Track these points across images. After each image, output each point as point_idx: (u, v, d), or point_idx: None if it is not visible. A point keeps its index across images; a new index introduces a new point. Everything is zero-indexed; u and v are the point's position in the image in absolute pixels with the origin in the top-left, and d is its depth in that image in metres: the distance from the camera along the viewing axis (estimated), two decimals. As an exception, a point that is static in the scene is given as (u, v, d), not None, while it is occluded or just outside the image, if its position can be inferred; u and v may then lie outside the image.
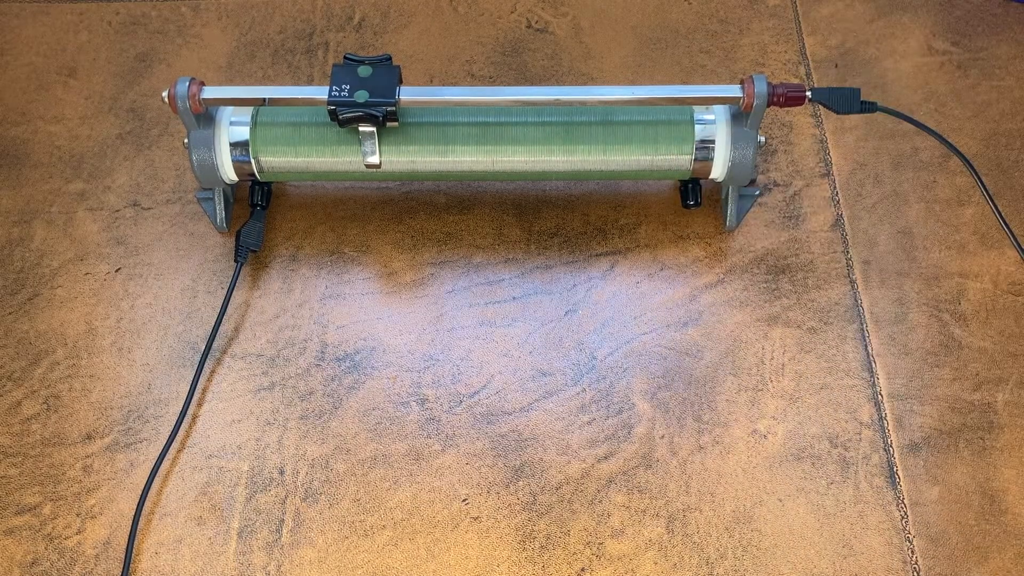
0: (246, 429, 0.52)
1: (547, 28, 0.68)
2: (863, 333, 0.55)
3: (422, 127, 0.54)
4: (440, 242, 0.58)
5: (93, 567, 0.48)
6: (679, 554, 0.49)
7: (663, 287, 0.57)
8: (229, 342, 0.55)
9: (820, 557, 0.49)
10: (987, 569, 0.49)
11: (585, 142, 0.54)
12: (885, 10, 0.68)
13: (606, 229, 0.59)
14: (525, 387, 0.54)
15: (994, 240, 0.58)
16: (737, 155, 0.54)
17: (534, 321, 0.56)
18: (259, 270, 0.57)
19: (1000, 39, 0.66)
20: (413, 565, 0.49)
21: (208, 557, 0.49)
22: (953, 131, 0.62)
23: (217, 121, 0.54)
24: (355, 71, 0.52)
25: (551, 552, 0.49)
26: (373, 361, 0.54)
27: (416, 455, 0.51)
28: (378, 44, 0.67)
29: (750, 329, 0.55)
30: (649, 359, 0.54)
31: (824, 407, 0.53)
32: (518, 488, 0.51)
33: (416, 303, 0.56)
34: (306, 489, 0.51)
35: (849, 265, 0.57)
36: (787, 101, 0.52)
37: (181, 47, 0.67)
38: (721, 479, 0.51)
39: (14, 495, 0.50)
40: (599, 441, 0.52)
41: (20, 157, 0.62)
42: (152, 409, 0.53)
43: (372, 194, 0.60)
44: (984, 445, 0.52)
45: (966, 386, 0.54)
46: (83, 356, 0.54)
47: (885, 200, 0.60)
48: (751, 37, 0.67)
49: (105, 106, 0.64)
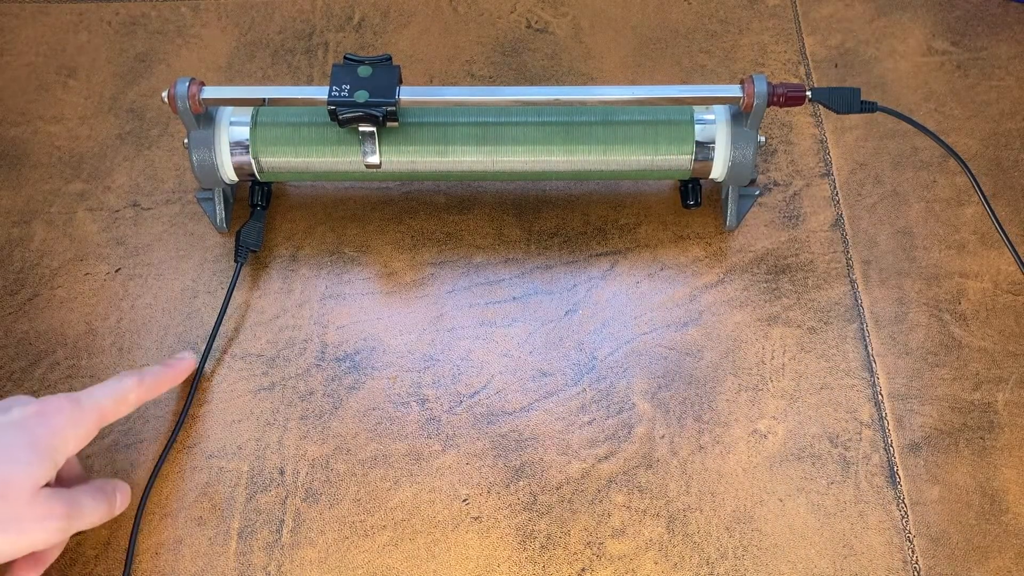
0: (246, 429, 0.52)
1: (547, 28, 0.68)
2: (863, 333, 0.55)
3: (422, 127, 0.54)
4: (440, 242, 0.58)
5: (93, 567, 0.48)
6: (679, 554, 0.49)
7: (663, 287, 0.57)
8: (229, 342, 0.55)
9: (820, 557, 0.49)
10: (988, 569, 0.49)
11: (585, 142, 0.54)
12: (885, 10, 0.68)
13: (606, 229, 0.59)
14: (525, 387, 0.54)
15: (994, 240, 0.58)
16: (737, 155, 0.54)
17: (534, 321, 0.56)
18: (259, 270, 0.57)
19: (1000, 39, 0.66)
20: (413, 565, 0.49)
21: (208, 557, 0.49)
22: (953, 131, 0.62)
23: (217, 121, 0.54)
24: (355, 71, 0.52)
25: (551, 552, 0.49)
26: (373, 361, 0.54)
27: (416, 455, 0.51)
28: (378, 44, 0.67)
29: (750, 329, 0.55)
30: (649, 359, 0.54)
31: (824, 407, 0.53)
32: (518, 488, 0.51)
33: (416, 303, 0.56)
34: (306, 489, 0.51)
35: (849, 265, 0.57)
36: (787, 101, 0.52)
37: (181, 47, 0.67)
38: (721, 479, 0.51)
39: (14, 495, 0.50)
40: (599, 441, 0.52)
41: (20, 157, 0.62)
42: (152, 409, 0.53)
43: (372, 194, 0.60)
44: (984, 445, 0.52)
45: (966, 386, 0.54)
46: (83, 356, 0.54)
47: (885, 200, 0.60)
48: (751, 37, 0.67)
49: (105, 106, 0.64)
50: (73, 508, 0.42)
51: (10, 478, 0.40)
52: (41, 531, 0.41)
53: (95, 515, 0.44)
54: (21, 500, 0.40)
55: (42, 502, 0.41)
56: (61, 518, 0.41)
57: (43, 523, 0.41)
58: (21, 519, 0.40)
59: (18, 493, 0.40)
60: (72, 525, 0.43)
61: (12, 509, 0.40)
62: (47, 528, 0.41)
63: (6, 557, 0.41)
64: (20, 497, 0.40)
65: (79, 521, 0.43)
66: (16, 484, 0.40)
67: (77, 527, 0.43)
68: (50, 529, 0.41)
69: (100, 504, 0.45)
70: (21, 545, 0.41)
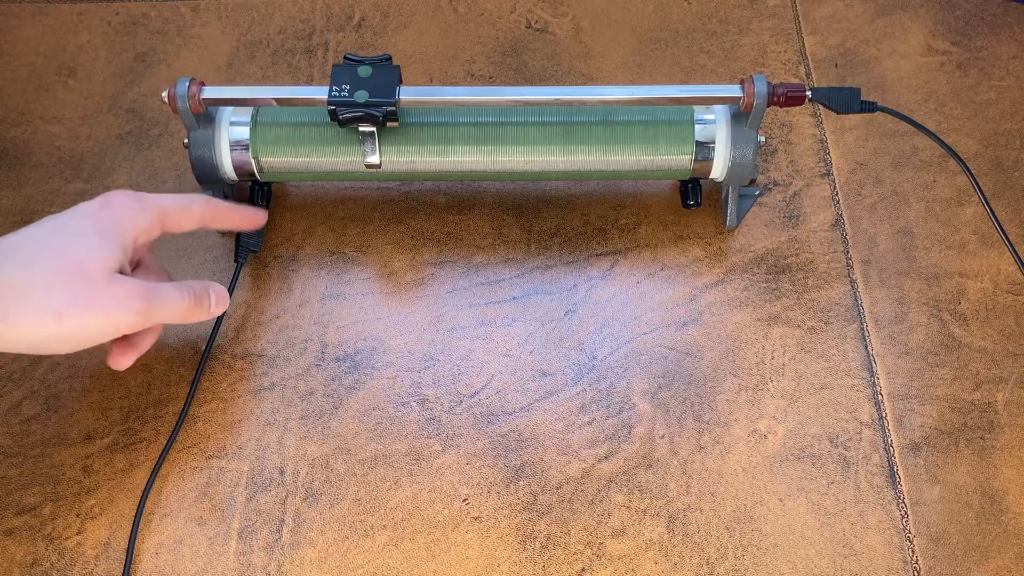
0: (246, 429, 0.52)
1: (547, 28, 0.68)
2: (863, 333, 0.55)
3: (422, 127, 0.54)
4: (440, 242, 0.58)
5: (93, 567, 0.48)
6: (679, 554, 0.49)
7: (663, 287, 0.57)
8: (229, 342, 0.55)
9: (820, 557, 0.49)
10: (988, 569, 0.49)
11: (585, 142, 0.54)
12: (885, 10, 0.68)
13: (606, 229, 0.59)
14: (525, 387, 0.54)
15: (994, 240, 0.58)
16: (737, 155, 0.54)
17: (534, 321, 0.56)
18: (259, 270, 0.57)
19: (1000, 39, 0.66)
20: (413, 565, 0.49)
21: (208, 557, 0.49)
22: (953, 131, 0.62)
23: (217, 121, 0.54)
24: (355, 71, 0.52)
25: (551, 552, 0.49)
26: (373, 361, 0.54)
27: (416, 455, 0.51)
28: (378, 44, 0.67)
29: (750, 329, 0.55)
30: (649, 359, 0.54)
31: (824, 407, 0.53)
32: (518, 488, 0.51)
33: (416, 303, 0.56)
34: (306, 489, 0.51)
35: (849, 265, 0.57)
36: (787, 101, 0.52)
37: (181, 47, 0.67)
38: (721, 479, 0.51)
39: (14, 495, 0.50)
40: (599, 441, 0.52)
41: (20, 157, 0.62)
42: (152, 409, 0.53)
43: (372, 194, 0.60)
44: (984, 445, 0.52)
45: (966, 386, 0.54)
46: (83, 356, 0.54)
47: (885, 200, 0.60)
48: (751, 37, 0.67)
49: (105, 106, 0.64)
50: (153, 293, 0.45)
51: (82, 260, 0.43)
52: (121, 311, 0.43)
53: (179, 307, 0.47)
54: (96, 279, 0.43)
55: (119, 283, 0.44)
56: (139, 299, 0.44)
57: (122, 303, 0.43)
58: (99, 297, 0.43)
59: (91, 273, 0.43)
60: (153, 309, 0.45)
61: (88, 288, 0.42)
62: (127, 308, 0.44)
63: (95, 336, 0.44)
64: (94, 276, 0.43)
65: (161, 308, 0.46)
66: (88, 265, 0.43)
67: (161, 315, 0.46)
68: (130, 310, 0.44)
69: (184, 297, 0.47)
70: (106, 326, 0.44)
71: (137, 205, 0.47)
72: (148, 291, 0.45)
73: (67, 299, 0.42)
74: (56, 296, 0.41)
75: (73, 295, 0.42)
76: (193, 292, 0.48)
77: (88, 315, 0.42)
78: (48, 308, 0.41)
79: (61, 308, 0.41)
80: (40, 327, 0.41)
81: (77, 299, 0.42)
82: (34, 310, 0.41)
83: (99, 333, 0.44)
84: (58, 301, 0.41)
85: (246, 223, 0.54)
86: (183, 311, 0.47)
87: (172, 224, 0.49)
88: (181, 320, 0.48)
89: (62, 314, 0.41)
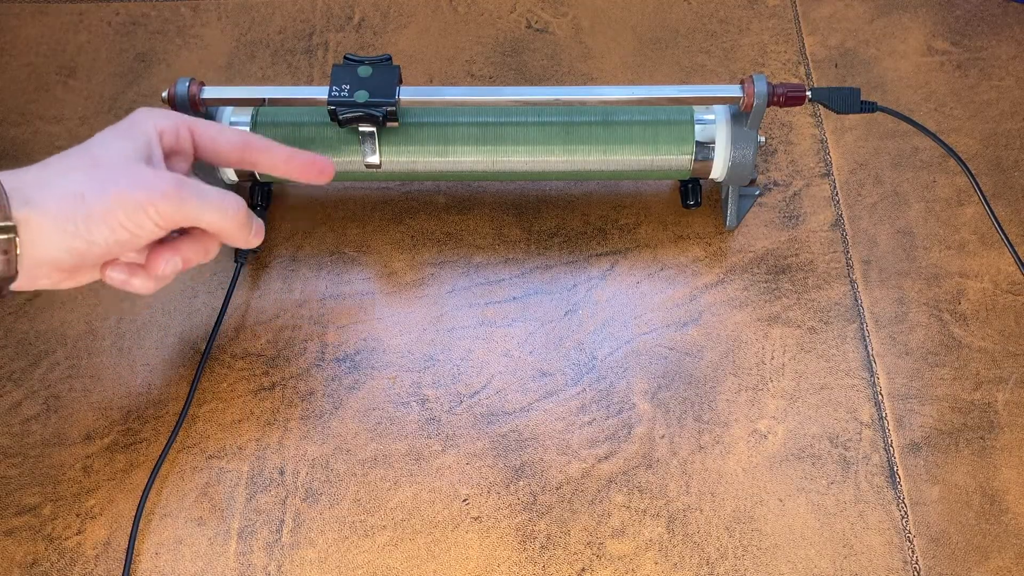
0: (246, 429, 0.52)
1: (547, 28, 0.68)
2: (863, 333, 0.55)
3: (422, 127, 0.54)
4: (440, 242, 0.58)
5: (93, 567, 0.48)
6: (679, 554, 0.49)
7: (663, 287, 0.57)
8: (229, 342, 0.55)
9: (820, 557, 0.49)
10: (987, 569, 0.49)
11: (585, 142, 0.54)
12: (885, 10, 0.68)
13: (606, 229, 0.59)
14: (525, 387, 0.54)
15: (994, 240, 0.58)
16: (737, 155, 0.54)
17: (534, 321, 0.56)
18: (259, 270, 0.57)
19: (1000, 39, 0.66)
20: (413, 565, 0.49)
21: (208, 557, 0.49)
22: (953, 131, 0.62)
23: (217, 121, 0.54)
24: (355, 71, 0.52)
25: (551, 552, 0.49)
26: (373, 361, 0.54)
27: (416, 455, 0.51)
28: (378, 44, 0.67)
29: (750, 329, 0.55)
30: (649, 359, 0.54)
31: (824, 407, 0.53)
32: (518, 488, 0.51)
33: (416, 303, 0.56)
34: (306, 489, 0.51)
35: (849, 265, 0.57)
36: (787, 101, 0.52)
37: (181, 47, 0.67)
38: (721, 479, 0.51)
39: (14, 495, 0.50)
40: (599, 441, 0.52)
41: (20, 157, 0.61)
42: (152, 409, 0.53)
43: (372, 194, 0.60)
44: (984, 445, 0.52)
45: (966, 386, 0.54)
46: (83, 356, 0.54)
47: (885, 200, 0.60)
48: (751, 37, 0.67)
49: (105, 106, 0.64)
50: (187, 184, 0.43)
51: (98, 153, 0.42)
52: (145, 192, 0.41)
53: (220, 206, 0.44)
54: (115, 165, 0.42)
55: (142, 169, 0.42)
56: (167, 183, 0.42)
57: (145, 183, 0.42)
58: (118, 179, 0.41)
59: (109, 160, 0.42)
60: (186, 198, 0.42)
61: (107, 172, 0.42)
62: (151, 188, 0.41)
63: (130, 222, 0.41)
64: (113, 163, 0.42)
65: (196, 203, 0.43)
66: (104, 156, 0.42)
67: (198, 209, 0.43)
68: (155, 190, 0.41)
69: (228, 199, 0.44)
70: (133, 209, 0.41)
71: (157, 110, 0.46)
72: (180, 181, 0.42)
73: (87, 180, 0.41)
74: (76, 179, 0.41)
75: (92, 176, 0.41)
76: (234, 199, 0.45)
77: (112, 196, 0.41)
78: (70, 191, 0.40)
79: (83, 189, 0.40)
80: (66, 208, 0.40)
81: (97, 179, 0.41)
82: (58, 193, 0.40)
83: (132, 219, 0.41)
84: (78, 183, 0.41)
85: (296, 170, 0.48)
86: (226, 215, 0.44)
87: (204, 140, 0.46)
88: (222, 225, 0.44)
89: (84, 194, 0.40)
